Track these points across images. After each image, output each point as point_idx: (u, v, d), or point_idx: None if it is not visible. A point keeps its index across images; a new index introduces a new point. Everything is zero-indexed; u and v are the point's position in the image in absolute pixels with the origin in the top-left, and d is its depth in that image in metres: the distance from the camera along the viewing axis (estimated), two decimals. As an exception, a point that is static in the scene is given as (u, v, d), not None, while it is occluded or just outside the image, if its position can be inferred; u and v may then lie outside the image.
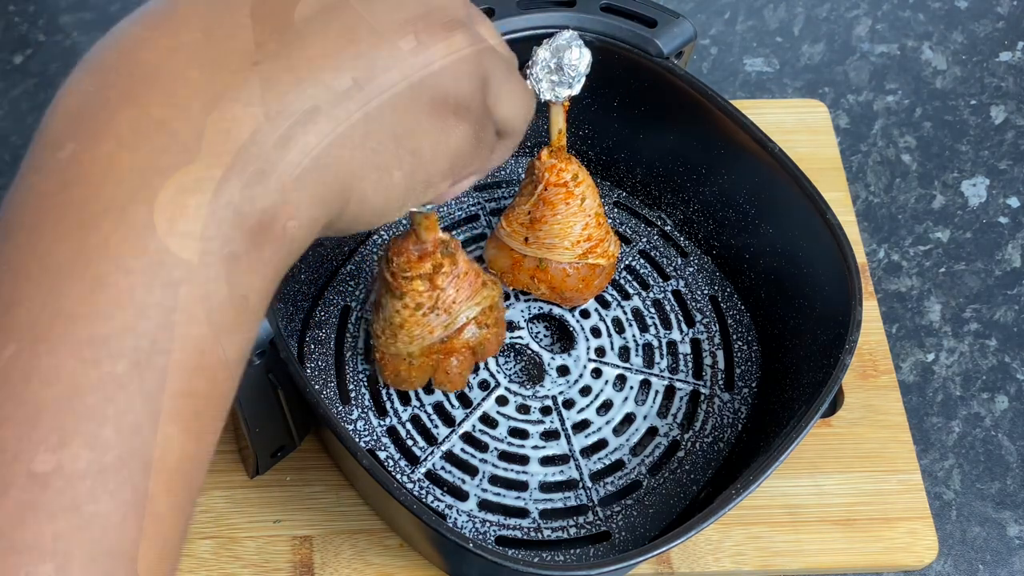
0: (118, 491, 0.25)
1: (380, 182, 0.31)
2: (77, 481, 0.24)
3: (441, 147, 0.32)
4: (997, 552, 0.62)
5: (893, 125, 0.79)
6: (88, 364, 0.25)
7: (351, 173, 0.30)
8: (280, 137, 0.27)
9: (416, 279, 0.53)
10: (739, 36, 0.83)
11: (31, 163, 0.27)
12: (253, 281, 0.28)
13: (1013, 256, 0.73)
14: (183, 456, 0.26)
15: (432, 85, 0.31)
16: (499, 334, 0.59)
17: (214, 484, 0.60)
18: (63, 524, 0.24)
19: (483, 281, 0.56)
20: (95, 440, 0.25)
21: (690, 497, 0.60)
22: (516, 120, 0.37)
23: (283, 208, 0.28)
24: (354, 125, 0.29)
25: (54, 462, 0.24)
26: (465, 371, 0.58)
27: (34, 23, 0.81)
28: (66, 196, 0.26)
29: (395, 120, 0.30)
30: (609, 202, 0.70)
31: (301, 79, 0.28)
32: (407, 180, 0.32)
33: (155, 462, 0.26)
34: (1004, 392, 0.67)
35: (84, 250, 0.25)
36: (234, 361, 0.28)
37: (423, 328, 0.55)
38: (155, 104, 0.27)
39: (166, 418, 0.26)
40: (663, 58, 0.61)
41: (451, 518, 0.58)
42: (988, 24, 0.85)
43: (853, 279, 0.55)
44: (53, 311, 0.25)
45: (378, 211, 0.32)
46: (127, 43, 0.28)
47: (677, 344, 0.65)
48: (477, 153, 0.34)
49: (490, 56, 0.34)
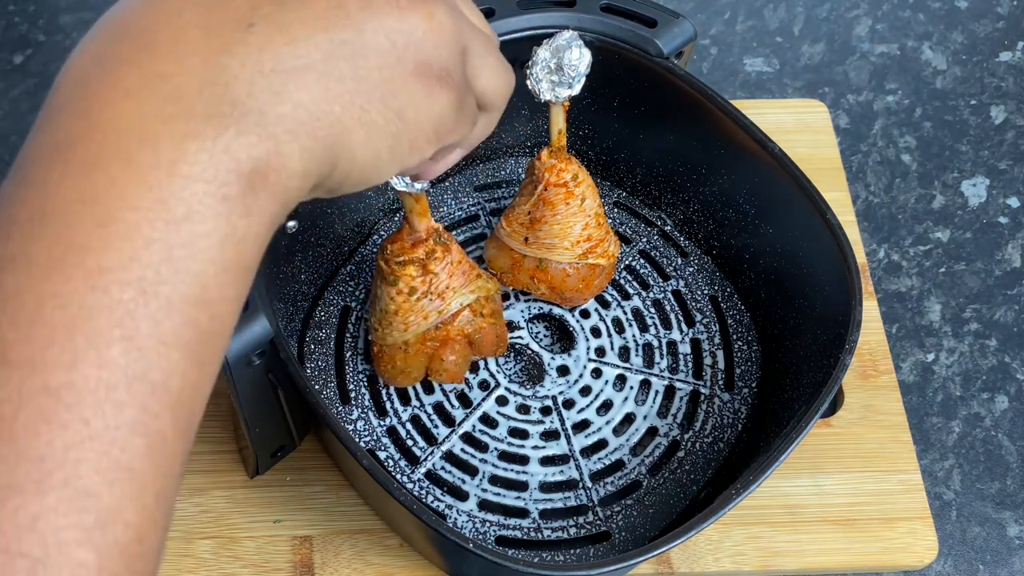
0: (125, 407, 0.27)
1: (368, 139, 0.33)
2: (87, 395, 0.26)
3: (424, 110, 0.34)
4: (997, 552, 0.62)
5: (893, 125, 0.79)
6: (98, 291, 0.27)
7: (341, 128, 0.32)
8: (274, 92, 0.30)
9: (409, 264, 0.54)
10: (739, 36, 0.83)
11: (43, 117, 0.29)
12: (250, 224, 0.30)
13: (1013, 256, 0.73)
14: (185, 382, 0.28)
15: (416, 50, 0.33)
16: (497, 328, 0.59)
17: (214, 484, 0.60)
18: (73, 436, 0.26)
19: (478, 274, 0.57)
20: (103, 359, 0.26)
21: (690, 497, 0.60)
22: (495, 94, 0.39)
23: (276, 158, 0.30)
24: (343, 83, 0.31)
25: (66, 379, 0.26)
26: (462, 364, 0.58)
27: (34, 23, 0.81)
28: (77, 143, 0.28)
29: (382, 80, 0.32)
30: (609, 202, 0.70)
31: (293, 38, 0.30)
32: (394, 140, 0.33)
33: (159, 384, 0.28)
34: (1004, 392, 0.67)
35: (93, 189, 0.27)
36: (232, 299, 0.30)
37: (417, 314, 0.55)
38: (159, 61, 0.29)
39: (170, 344, 0.28)
40: (663, 58, 0.61)
41: (451, 518, 0.58)
42: (988, 24, 0.85)
43: (853, 279, 0.55)
44: (66, 244, 0.27)
45: (367, 169, 0.33)
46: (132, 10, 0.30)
47: (677, 344, 0.65)
48: (459, 121, 0.36)
49: (469, 30, 0.36)
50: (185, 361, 0.28)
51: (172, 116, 0.28)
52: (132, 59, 0.29)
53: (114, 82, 0.29)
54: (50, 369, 0.26)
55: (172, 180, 0.28)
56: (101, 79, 0.29)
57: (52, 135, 0.29)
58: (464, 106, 0.36)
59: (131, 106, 0.28)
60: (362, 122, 0.32)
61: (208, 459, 0.60)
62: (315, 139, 0.31)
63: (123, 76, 0.29)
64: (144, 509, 0.27)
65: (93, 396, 0.26)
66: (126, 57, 0.29)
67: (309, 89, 0.30)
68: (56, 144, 0.28)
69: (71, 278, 0.27)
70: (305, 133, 0.30)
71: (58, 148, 0.28)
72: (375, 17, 0.32)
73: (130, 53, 0.29)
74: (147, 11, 0.30)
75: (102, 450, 0.26)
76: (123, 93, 0.28)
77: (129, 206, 0.27)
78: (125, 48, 0.29)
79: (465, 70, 0.36)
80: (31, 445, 0.25)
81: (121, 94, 0.28)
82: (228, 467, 0.60)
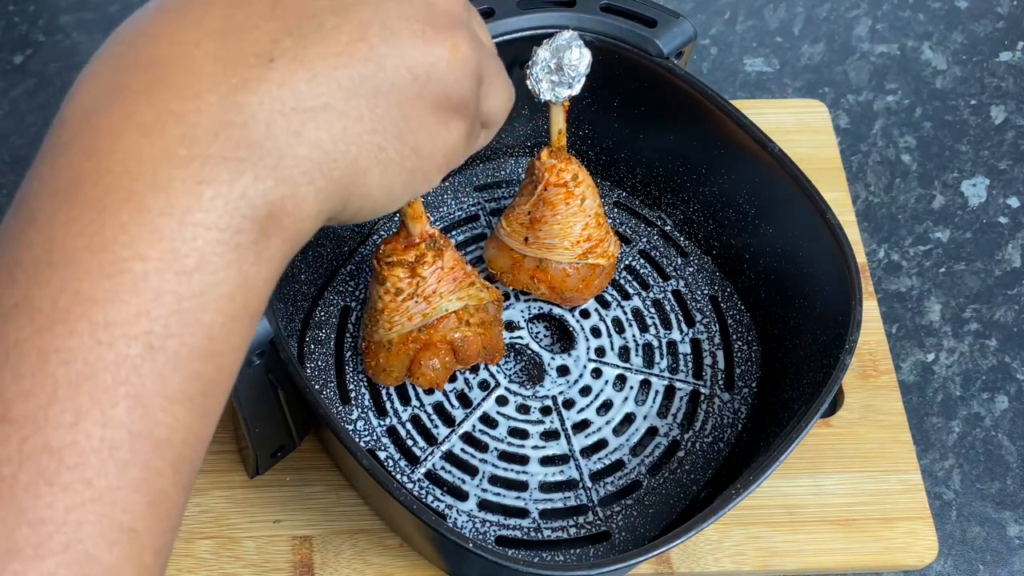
0: (128, 467, 0.26)
1: (383, 177, 0.32)
2: (90, 456, 0.25)
3: (440, 143, 0.33)
4: (997, 552, 0.62)
5: (893, 125, 0.79)
6: (103, 346, 0.26)
7: (357, 168, 0.31)
8: (292, 132, 0.28)
9: (397, 265, 0.54)
10: (739, 36, 0.83)
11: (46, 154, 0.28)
12: (260, 270, 0.29)
13: (1013, 256, 0.73)
14: (188, 435, 0.28)
15: (437, 84, 0.32)
16: (485, 338, 0.58)
17: (214, 484, 0.60)
18: (75, 498, 0.25)
19: (472, 282, 0.57)
20: (107, 418, 0.26)
21: (690, 497, 0.60)
22: (501, 112, 0.38)
23: (291, 201, 0.29)
24: (362, 121, 0.30)
25: (69, 438, 0.25)
26: (441, 371, 0.58)
27: (34, 23, 0.81)
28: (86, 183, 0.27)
29: (400, 117, 0.31)
30: (609, 202, 0.70)
31: (314, 75, 0.29)
32: (408, 176, 0.33)
33: (163, 440, 0.27)
34: (1004, 392, 0.67)
35: (102, 236, 0.26)
36: (239, 347, 0.29)
37: (402, 315, 0.56)
38: (173, 97, 0.27)
39: (175, 399, 0.27)
40: (663, 58, 0.61)
41: (451, 518, 0.58)
42: (988, 24, 0.85)
43: (853, 279, 0.55)
44: (72, 294, 0.26)
45: (379, 205, 0.33)
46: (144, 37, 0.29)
47: (677, 344, 0.65)
48: (469, 146, 0.36)
49: (486, 57, 0.35)
50: (190, 416, 0.27)
51: (186, 159, 0.27)
52: (144, 93, 0.27)
53: (125, 118, 0.27)
54: (52, 428, 0.25)
55: (184, 228, 0.27)
56: (110, 114, 0.27)
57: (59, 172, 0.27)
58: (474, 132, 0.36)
59: (143, 146, 0.27)
60: (379, 161, 0.31)
61: (208, 459, 0.60)
62: (330, 180, 0.30)
63: (135, 112, 0.27)
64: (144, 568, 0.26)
65: (96, 456, 0.25)
66: (138, 90, 0.28)
67: (328, 129, 0.29)
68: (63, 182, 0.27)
69: (76, 331, 0.26)
70: (321, 175, 0.29)
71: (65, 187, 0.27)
72: (398, 49, 0.31)
73: (142, 86, 0.28)
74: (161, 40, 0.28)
75: (104, 512, 0.25)
76: (134, 131, 0.27)
77: (138, 255, 0.26)
78: (137, 80, 0.28)
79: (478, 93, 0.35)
80: (31, 507, 0.25)
81: (132, 132, 0.27)
82: (228, 467, 0.60)
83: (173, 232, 0.26)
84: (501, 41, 0.60)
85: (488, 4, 0.61)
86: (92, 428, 0.25)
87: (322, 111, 0.29)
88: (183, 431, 0.27)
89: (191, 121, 0.27)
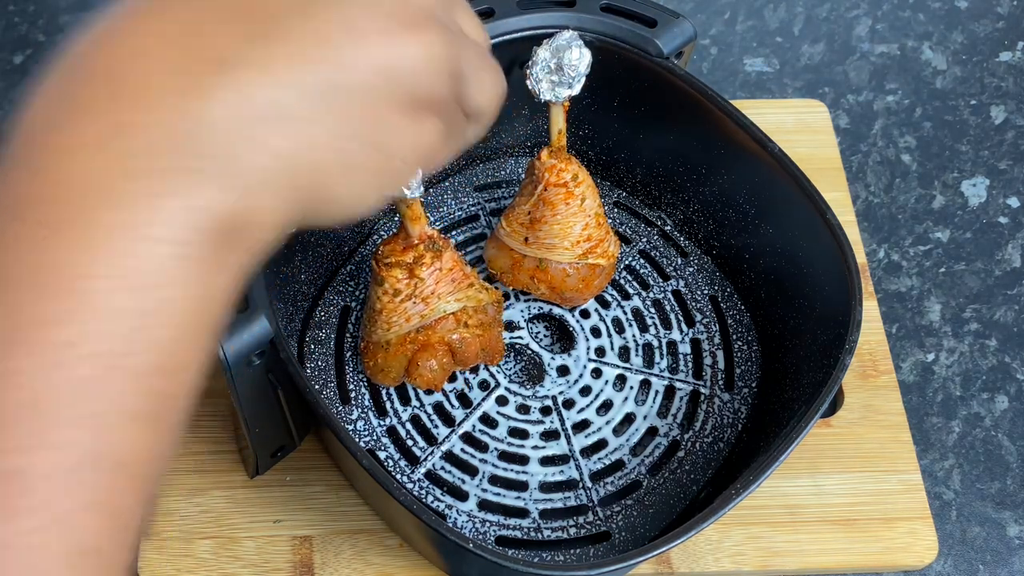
0: (84, 489, 0.25)
1: (350, 182, 0.31)
2: (44, 481, 0.24)
3: (410, 141, 0.32)
4: (997, 552, 0.62)
5: (893, 125, 0.79)
6: (62, 367, 0.25)
7: (320, 173, 0.29)
8: (252, 141, 0.27)
9: (395, 266, 0.54)
10: (739, 36, 0.83)
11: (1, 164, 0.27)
12: (220, 281, 0.28)
13: (1013, 256, 0.73)
14: (146, 453, 0.27)
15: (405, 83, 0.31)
16: (484, 340, 0.58)
17: (214, 484, 0.60)
18: (33, 523, 0.24)
19: (472, 283, 0.57)
20: (60, 442, 0.25)
21: (690, 497, 0.60)
22: (488, 105, 0.36)
23: (253, 212, 0.28)
24: (326, 127, 0.29)
25: (23, 464, 0.24)
26: (441, 372, 0.58)
27: (34, 23, 0.81)
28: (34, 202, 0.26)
29: (367, 119, 0.30)
30: (609, 202, 0.70)
31: (274, 80, 0.28)
32: (375, 176, 0.31)
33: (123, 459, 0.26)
34: (1004, 392, 0.67)
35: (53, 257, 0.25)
36: (200, 360, 0.28)
37: (400, 316, 0.56)
38: (126, 109, 0.26)
39: (131, 418, 0.26)
40: (663, 58, 0.61)
41: (451, 518, 0.58)
42: (988, 24, 0.85)
43: (853, 279, 0.55)
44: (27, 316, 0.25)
45: (347, 207, 0.31)
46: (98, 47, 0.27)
47: (677, 344, 0.65)
48: (447, 143, 0.34)
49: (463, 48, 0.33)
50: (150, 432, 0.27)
51: (139, 172, 0.26)
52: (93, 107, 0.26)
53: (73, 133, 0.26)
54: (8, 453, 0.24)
55: (138, 244, 0.25)
56: (59, 129, 0.26)
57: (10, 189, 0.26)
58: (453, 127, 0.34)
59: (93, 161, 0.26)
60: (345, 165, 0.30)
61: (208, 459, 0.60)
62: (293, 188, 0.29)
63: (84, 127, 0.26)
64: None
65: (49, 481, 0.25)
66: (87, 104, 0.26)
67: (289, 137, 0.28)
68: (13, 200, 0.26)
69: (32, 353, 0.25)
70: (283, 184, 0.28)
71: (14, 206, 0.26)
72: (364, 50, 0.29)
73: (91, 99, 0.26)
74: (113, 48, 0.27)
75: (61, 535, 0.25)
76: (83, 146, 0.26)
77: (92, 274, 0.25)
78: (87, 92, 0.26)
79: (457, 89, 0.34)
80: None
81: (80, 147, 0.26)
82: (228, 467, 0.60)
83: (126, 248, 0.25)
84: (501, 41, 0.60)
85: (488, 4, 0.61)
86: (47, 452, 0.25)
87: (283, 118, 0.28)
88: (144, 448, 0.26)
89: (145, 133, 0.26)
